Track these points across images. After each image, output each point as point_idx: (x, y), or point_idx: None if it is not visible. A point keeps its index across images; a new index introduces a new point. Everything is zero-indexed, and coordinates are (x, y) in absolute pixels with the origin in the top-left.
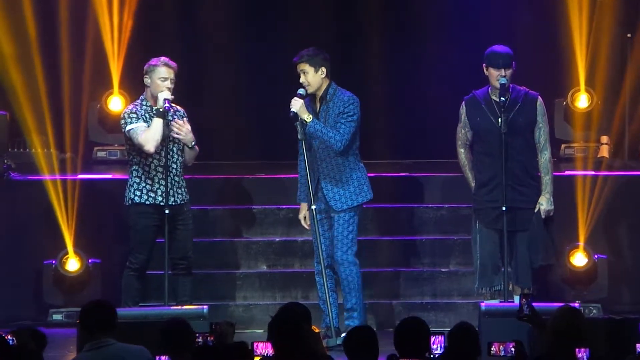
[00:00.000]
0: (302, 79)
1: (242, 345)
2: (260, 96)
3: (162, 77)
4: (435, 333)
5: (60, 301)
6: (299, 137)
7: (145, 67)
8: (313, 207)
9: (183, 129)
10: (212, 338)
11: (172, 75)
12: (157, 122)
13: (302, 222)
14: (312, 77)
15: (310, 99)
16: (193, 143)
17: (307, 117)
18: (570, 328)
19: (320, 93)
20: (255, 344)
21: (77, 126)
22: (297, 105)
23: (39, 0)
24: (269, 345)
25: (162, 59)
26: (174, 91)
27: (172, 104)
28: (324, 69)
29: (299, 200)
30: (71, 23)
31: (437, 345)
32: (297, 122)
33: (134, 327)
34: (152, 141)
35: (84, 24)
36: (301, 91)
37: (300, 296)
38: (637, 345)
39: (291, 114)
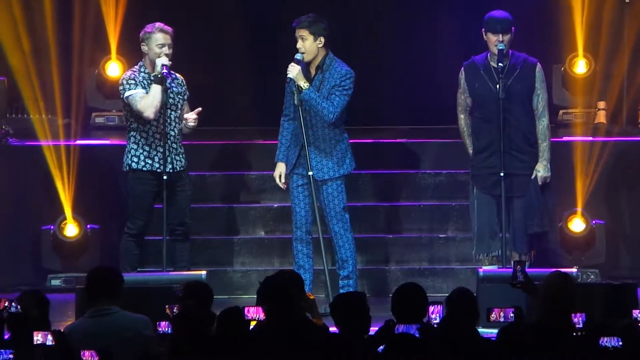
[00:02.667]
0: (299, 45)
1: (235, 310)
2: (258, 62)
3: (159, 43)
4: (434, 302)
5: (58, 267)
6: (295, 102)
7: (140, 35)
8: (310, 173)
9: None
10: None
11: (169, 41)
12: (156, 89)
13: (277, 180)
14: (310, 45)
15: (305, 66)
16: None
17: (303, 83)
18: (561, 294)
19: (316, 62)
20: (246, 309)
21: (75, 92)
22: (294, 71)
23: None
24: (260, 309)
25: (157, 25)
26: (172, 56)
27: (171, 71)
28: (322, 39)
29: (277, 160)
30: None
31: (435, 315)
32: (294, 88)
33: (131, 292)
34: (152, 107)
35: None
36: (298, 56)
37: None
38: (634, 311)
39: (287, 80)
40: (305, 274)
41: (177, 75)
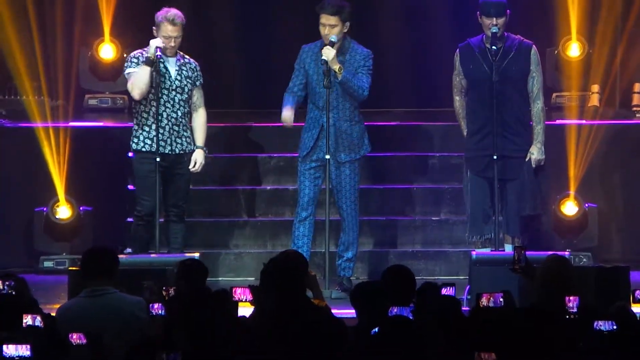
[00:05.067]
0: (326, 31)
1: (223, 291)
2: (251, 44)
3: (166, 35)
4: (447, 284)
5: (51, 248)
6: (324, 85)
7: (155, 18)
8: (327, 157)
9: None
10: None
11: (176, 34)
12: (144, 70)
13: (288, 121)
14: (339, 32)
15: (322, 47)
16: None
17: (338, 67)
18: (558, 277)
19: (338, 45)
20: (233, 289)
21: (69, 74)
22: (330, 54)
23: None
24: (247, 290)
25: (170, 13)
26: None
27: (186, 56)
28: (348, 24)
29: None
30: None
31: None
32: (324, 69)
33: (124, 274)
34: (136, 88)
35: None
36: (333, 38)
37: (290, 244)
38: (637, 291)
39: (322, 62)
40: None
41: (192, 60)
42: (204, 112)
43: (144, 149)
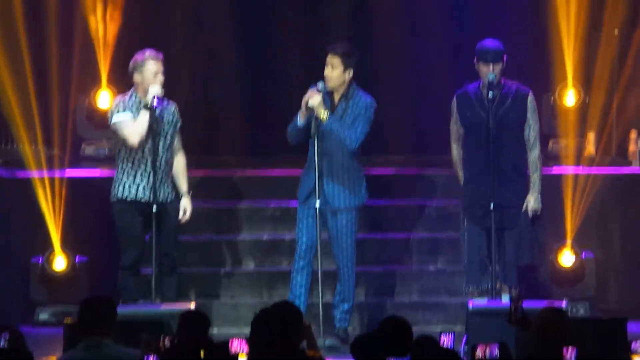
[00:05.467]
0: (327, 71)
1: (224, 344)
2: (248, 92)
3: (153, 72)
4: (445, 331)
5: (47, 299)
6: (312, 131)
7: (131, 64)
8: (317, 205)
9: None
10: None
11: (161, 68)
12: (144, 116)
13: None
14: (338, 75)
15: (329, 93)
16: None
17: (324, 113)
18: (555, 328)
19: (341, 90)
20: (230, 341)
21: (65, 122)
22: (316, 100)
23: None
24: (243, 342)
25: (147, 52)
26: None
27: (165, 98)
28: (351, 71)
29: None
30: (59, 18)
31: (447, 344)
32: (312, 117)
33: (120, 325)
34: (137, 135)
35: (72, 18)
36: (320, 85)
37: (287, 294)
38: (634, 343)
39: (308, 108)
40: (301, 305)
41: (170, 103)
42: (184, 156)
43: (131, 198)
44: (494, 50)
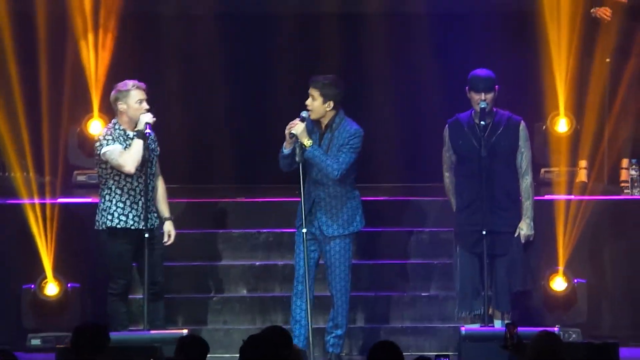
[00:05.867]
0: (308, 102)
1: None
2: (239, 119)
3: (138, 100)
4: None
5: (38, 326)
6: (297, 159)
7: (114, 94)
8: (304, 230)
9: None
10: None
11: (145, 96)
12: (138, 143)
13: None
14: (318, 106)
15: (315, 122)
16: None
17: (307, 141)
18: (549, 353)
19: (325, 121)
20: None
21: (57, 150)
22: (299, 128)
23: (19, 23)
24: None
25: (131, 82)
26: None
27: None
28: (331, 103)
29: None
30: (50, 47)
31: None
32: (297, 145)
33: (112, 352)
34: (133, 162)
35: (64, 47)
36: (304, 114)
37: (280, 320)
38: None
39: (291, 136)
40: (301, 329)
41: (149, 130)
42: (163, 182)
43: (118, 226)
44: (486, 79)
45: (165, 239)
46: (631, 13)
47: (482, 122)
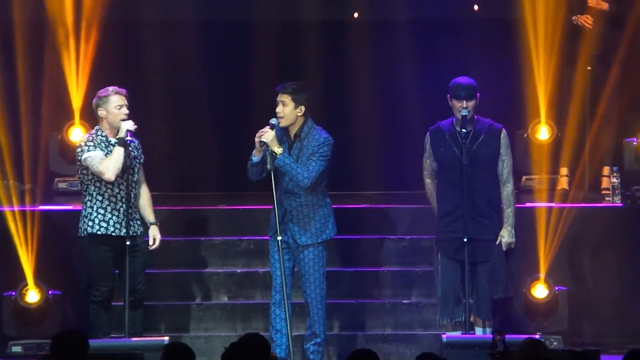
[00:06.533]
0: (278, 109)
1: None
2: (220, 126)
3: (117, 105)
4: None
5: (19, 333)
6: (268, 167)
7: (95, 101)
8: (279, 238)
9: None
10: None
11: (125, 102)
12: (119, 151)
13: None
14: (290, 111)
15: (284, 131)
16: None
17: (277, 149)
18: None
19: (295, 130)
20: None
21: (37, 157)
22: (269, 136)
23: None
24: None
25: (111, 88)
26: (131, 116)
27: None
28: (302, 108)
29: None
30: (30, 54)
31: None
32: (267, 153)
33: (94, 358)
34: (113, 169)
35: (43, 54)
36: (274, 121)
37: (261, 328)
38: None
39: (261, 144)
40: (282, 338)
41: (133, 138)
42: (147, 189)
43: (100, 232)
44: (467, 86)
45: (150, 243)
46: (612, 21)
47: (464, 130)
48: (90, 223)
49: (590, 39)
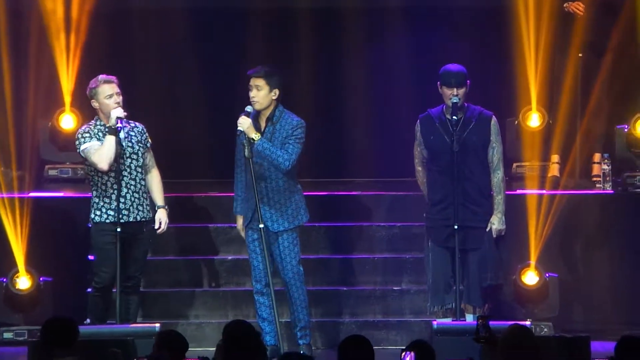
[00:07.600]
0: (252, 94)
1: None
2: (210, 113)
3: (107, 95)
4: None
5: (10, 319)
6: (246, 155)
7: (87, 93)
8: (261, 225)
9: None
10: None
11: (115, 89)
12: (110, 140)
13: (242, 233)
14: (264, 95)
15: (254, 117)
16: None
17: (254, 135)
18: (521, 346)
19: (267, 114)
20: None
21: (28, 144)
22: (245, 123)
23: None
24: None
25: (100, 77)
26: (126, 107)
27: (129, 121)
28: (277, 92)
29: (235, 213)
30: (22, 41)
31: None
32: (244, 140)
33: (84, 344)
34: (106, 159)
35: (35, 41)
36: (249, 109)
37: (252, 315)
38: None
39: (238, 132)
40: (270, 326)
41: (137, 123)
42: (158, 173)
43: (105, 220)
44: (458, 74)
45: (157, 226)
46: (604, 8)
47: (454, 117)
48: (98, 212)
49: (581, 26)
